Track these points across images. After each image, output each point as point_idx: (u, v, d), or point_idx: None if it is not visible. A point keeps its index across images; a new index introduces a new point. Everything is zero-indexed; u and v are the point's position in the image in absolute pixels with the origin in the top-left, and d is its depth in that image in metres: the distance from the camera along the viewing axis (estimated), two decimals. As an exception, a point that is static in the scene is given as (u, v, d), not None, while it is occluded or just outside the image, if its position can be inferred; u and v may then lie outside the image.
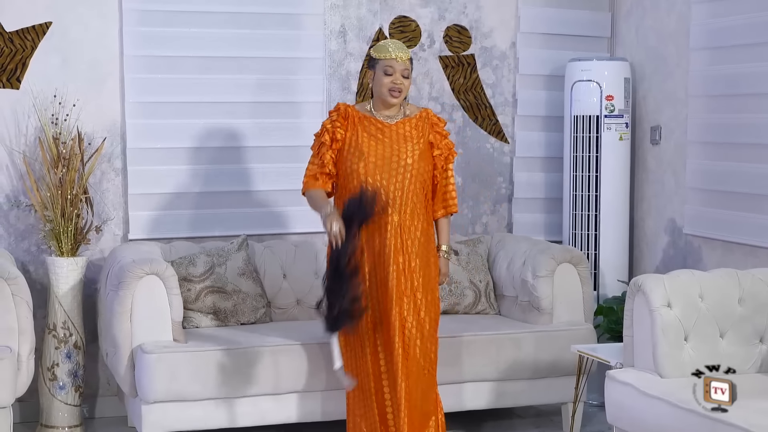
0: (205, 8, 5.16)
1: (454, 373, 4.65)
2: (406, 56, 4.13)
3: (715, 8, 5.00)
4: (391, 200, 4.08)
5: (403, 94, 4.16)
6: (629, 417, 3.88)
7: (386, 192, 4.08)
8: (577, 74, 5.42)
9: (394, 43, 4.16)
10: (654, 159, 5.51)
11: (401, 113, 4.21)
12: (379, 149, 4.13)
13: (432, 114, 4.27)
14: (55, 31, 4.96)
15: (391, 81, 4.12)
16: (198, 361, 4.36)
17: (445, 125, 4.27)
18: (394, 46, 4.14)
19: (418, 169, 4.12)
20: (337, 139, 4.16)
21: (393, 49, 4.12)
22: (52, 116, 4.86)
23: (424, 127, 4.20)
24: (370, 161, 4.10)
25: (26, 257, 4.98)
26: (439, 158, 4.21)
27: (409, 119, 4.20)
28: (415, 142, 4.15)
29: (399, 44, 4.16)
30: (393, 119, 4.19)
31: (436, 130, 4.22)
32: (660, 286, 3.93)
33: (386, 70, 4.12)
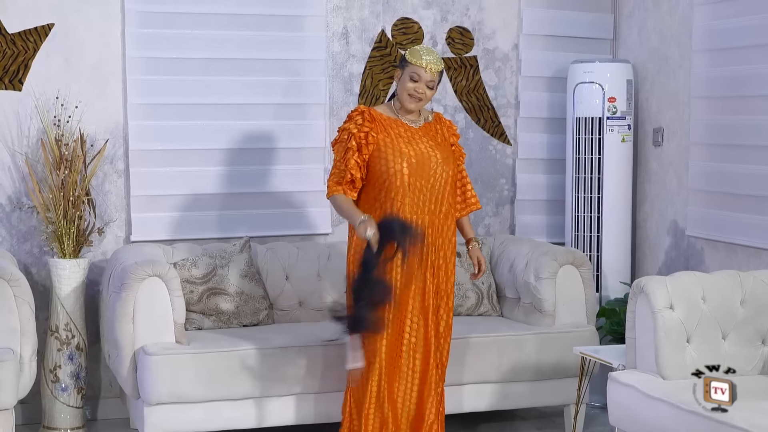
0: (208, 10, 5.16)
1: (457, 374, 4.65)
2: (437, 68, 4.13)
3: (717, 10, 5.00)
4: (427, 202, 4.12)
5: (422, 103, 4.17)
6: (631, 419, 3.88)
7: (423, 193, 4.11)
8: (580, 76, 5.42)
9: (430, 54, 4.14)
10: (656, 161, 5.50)
11: (422, 118, 4.25)
12: (414, 151, 4.13)
13: (443, 117, 4.35)
14: (57, 32, 4.96)
15: (414, 88, 4.12)
16: (200, 363, 4.36)
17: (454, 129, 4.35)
18: (429, 57, 4.12)
19: (448, 172, 4.17)
20: (369, 143, 4.12)
21: (426, 59, 4.11)
22: (55, 118, 4.86)
23: (443, 130, 4.27)
24: (411, 162, 4.10)
25: (28, 259, 4.99)
26: (457, 160, 4.30)
27: (430, 123, 4.25)
28: (443, 145, 4.21)
29: (435, 56, 4.14)
30: (417, 123, 4.22)
31: (452, 132, 4.30)
32: (662, 287, 3.93)
33: (413, 75, 4.12)
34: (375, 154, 4.11)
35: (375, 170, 4.12)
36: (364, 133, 4.10)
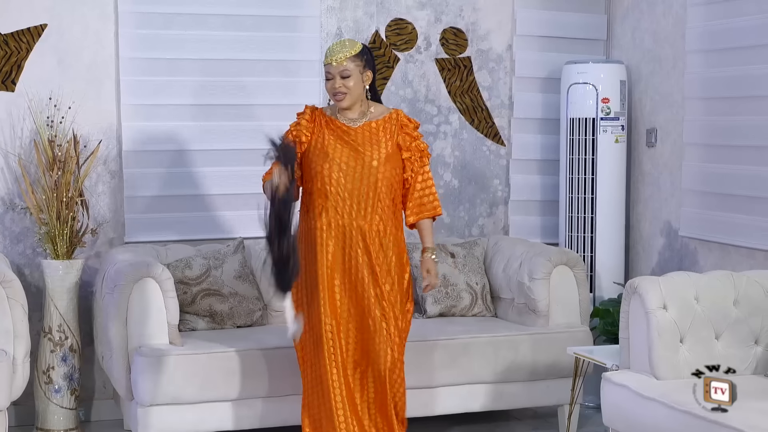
0: (202, 11, 5.16)
1: (451, 375, 4.65)
2: (343, 57, 3.98)
3: (711, 11, 5.01)
4: (356, 205, 4.01)
5: (350, 97, 4.02)
6: (625, 419, 3.88)
7: (352, 196, 4.01)
8: (573, 77, 5.42)
9: (335, 45, 4.04)
10: (650, 161, 5.51)
11: (365, 116, 4.09)
12: (344, 152, 4.04)
13: (402, 115, 4.13)
14: (50, 33, 4.95)
15: (331, 86, 4.01)
16: (194, 364, 4.35)
17: (417, 126, 4.15)
18: (332, 49, 4.02)
19: (384, 173, 4.02)
20: (301, 142, 4.09)
21: (329, 53, 4.01)
22: (48, 119, 4.85)
23: (392, 129, 4.08)
24: (334, 163, 4.02)
25: (21, 260, 4.98)
26: (408, 161, 4.09)
27: (375, 121, 4.08)
28: (381, 145, 4.04)
29: (340, 44, 4.03)
30: (357, 122, 4.08)
31: (405, 132, 4.10)
32: (656, 288, 3.94)
33: (326, 75, 4.03)
34: (306, 156, 4.09)
35: (305, 172, 4.10)
36: (295, 133, 4.10)
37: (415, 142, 4.11)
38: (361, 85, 4.05)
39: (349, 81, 4.01)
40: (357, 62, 4.02)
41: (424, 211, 4.12)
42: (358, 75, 4.03)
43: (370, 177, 4.01)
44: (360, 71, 4.04)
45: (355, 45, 4.05)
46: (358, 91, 4.05)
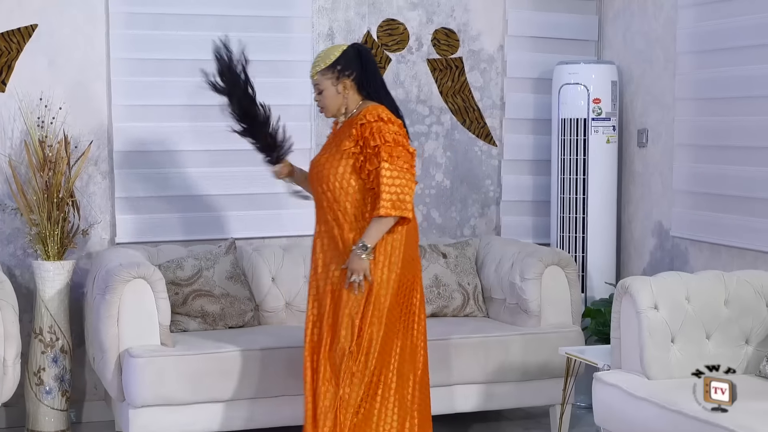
0: (193, 11, 5.15)
1: (443, 375, 4.65)
2: (314, 72, 4.00)
3: (702, 12, 5.02)
4: (318, 210, 4.03)
5: (328, 110, 4.02)
6: (617, 418, 3.89)
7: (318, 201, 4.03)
8: (565, 77, 5.43)
9: (317, 56, 4.04)
10: (641, 162, 5.52)
11: (345, 114, 4.05)
12: (315, 157, 4.12)
13: (367, 110, 3.92)
14: (41, 33, 4.94)
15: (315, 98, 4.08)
16: (186, 365, 4.35)
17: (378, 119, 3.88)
18: (312, 61, 4.04)
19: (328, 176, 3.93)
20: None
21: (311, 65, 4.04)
22: (38, 119, 4.84)
23: (349, 128, 3.96)
24: (312, 171, 4.08)
25: (12, 261, 4.96)
26: (357, 158, 3.90)
27: (346, 122, 4.03)
28: (335, 147, 3.98)
29: (318, 56, 4.03)
30: (339, 126, 4.10)
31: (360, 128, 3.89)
32: (647, 288, 3.94)
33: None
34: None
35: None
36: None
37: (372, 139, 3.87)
38: (337, 96, 3.98)
39: (322, 96, 4.00)
40: (328, 75, 3.97)
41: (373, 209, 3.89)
42: (331, 87, 3.98)
43: (324, 179, 3.97)
44: (333, 83, 3.97)
45: (329, 56, 3.98)
46: (336, 103, 4.00)
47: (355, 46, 4.08)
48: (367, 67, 4.04)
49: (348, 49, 4.03)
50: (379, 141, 3.86)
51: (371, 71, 4.04)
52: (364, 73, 4.03)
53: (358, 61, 4.02)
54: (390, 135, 3.88)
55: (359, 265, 3.86)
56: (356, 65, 4.01)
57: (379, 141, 3.86)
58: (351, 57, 4.00)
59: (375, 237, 3.87)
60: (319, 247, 4.03)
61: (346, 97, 4.01)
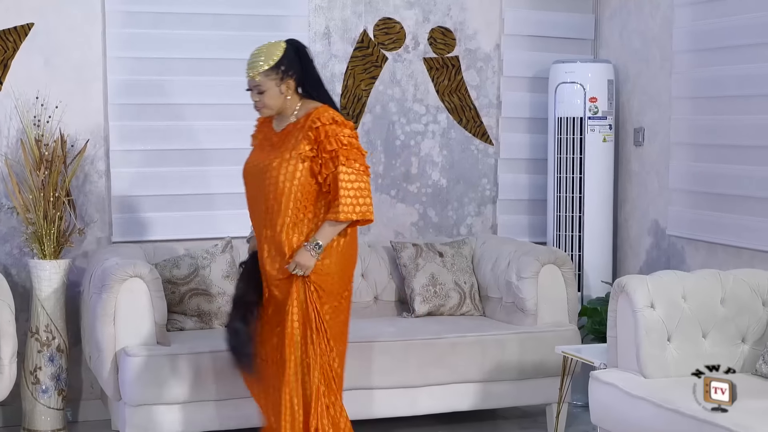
0: (189, 10, 5.15)
1: (439, 374, 4.66)
2: (255, 72, 3.83)
3: (698, 11, 5.02)
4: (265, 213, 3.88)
5: (267, 110, 3.89)
6: (613, 417, 3.89)
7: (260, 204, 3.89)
8: (561, 76, 5.43)
9: (251, 55, 3.87)
10: (637, 161, 5.52)
11: (289, 120, 3.92)
12: (256, 159, 3.95)
13: (319, 113, 3.84)
14: (37, 32, 4.94)
15: (251, 97, 3.90)
16: (182, 364, 4.35)
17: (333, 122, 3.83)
18: (249, 60, 3.86)
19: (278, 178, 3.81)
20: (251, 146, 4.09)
21: (247, 64, 3.86)
22: (35, 118, 4.84)
23: (304, 130, 3.85)
24: (249, 172, 3.95)
25: (8, 260, 4.96)
26: (315, 161, 3.82)
27: (294, 124, 3.90)
28: (287, 149, 3.84)
29: (255, 55, 3.86)
30: (279, 127, 3.95)
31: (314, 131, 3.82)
32: (643, 287, 3.95)
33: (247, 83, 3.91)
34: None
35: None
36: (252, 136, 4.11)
37: (328, 140, 3.81)
38: (279, 96, 3.87)
39: (264, 96, 3.87)
40: (272, 76, 3.84)
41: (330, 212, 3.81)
42: (274, 88, 3.85)
43: (271, 184, 3.84)
44: (277, 84, 3.86)
45: (271, 56, 3.84)
46: (278, 103, 3.88)
47: (293, 43, 3.93)
48: (307, 66, 3.94)
49: (288, 47, 3.89)
50: (336, 145, 3.81)
51: (310, 69, 3.95)
52: (304, 72, 3.93)
53: (298, 60, 3.91)
54: (345, 138, 3.83)
55: (307, 262, 3.81)
56: (297, 64, 3.90)
57: (336, 145, 3.81)
58: (292, 56, 3.88)
59: (329, 237, 3.82)
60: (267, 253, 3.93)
61: (288, 97, 3.91)
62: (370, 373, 4.57)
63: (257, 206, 3.94)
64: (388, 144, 5.52)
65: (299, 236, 3.85)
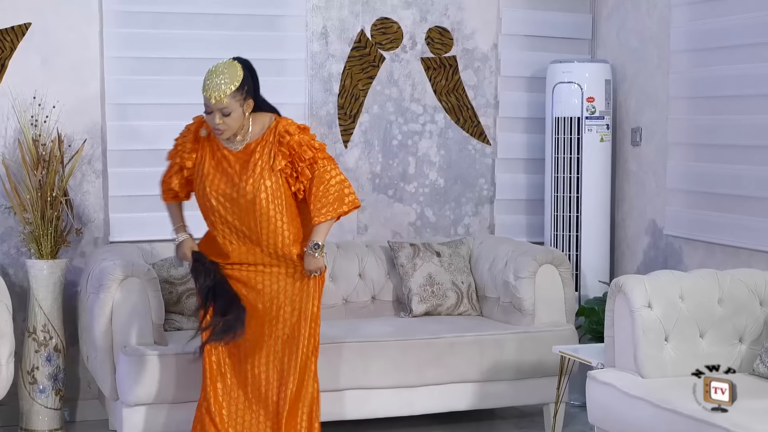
0: (187, 10, 5.15)
1: (437, 374, 4.66)
2: (223, 94, 3.78)
3: (695, 11, 5.02)
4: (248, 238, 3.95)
5: (229, 133, 3.86)
6: (610, 417, 3.89)
7: (241, 231, 3.94)
8: (559, 76, 5.43)
9: (215, 78, 3.80)
10: (635, 160, 5.52)
11: (246, 138, 3.93)
12: (222, 184, 3.93)
13: (284, 126, 3.92)
14: (34, 32, 4.93)
15: (210, 120, 3.84)
16: (179, 364, 4.34)
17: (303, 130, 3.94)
18: (212, 83, 3.80)
19: (271, 200, 3.89)
20: (186, 167, 4.03)
21: (208, 85, 3.80)
22: (32, 118, 4.83)
23: (270, 146, 3.91)
24: (212, 197, 3.94)
25: (5, 260, 4.95)
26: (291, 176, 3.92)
27: (255, 141, 3.92)
28: (259, 171, 3.88)
29: (217, 75, 3.80)
30: (238, 145, 3.93)
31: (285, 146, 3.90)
32: (640, 286, 3.95)
33: (205, 109, 3.85)
34: (194, 179, 4.03)
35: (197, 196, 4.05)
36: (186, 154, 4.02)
37: (298, 152, 3.91)
38: (242, 117, 3.87)
39: (229, 118, 3.83)
40: (237, 97, 3.83)
41: (323, 213, 3.91)
42: (239, 109, 3.85)
43: (253, 208, 3.89)
44: (241, 104, 3.85)
45: (235, 76, 3.82)
46: (240, 123, 3.88)
47: (244, 62, 3.93)
48: (257, 82, 3.97)
49: (243, 67, 3.90)
50: (311, 152, 3.92)
51: (258, 85, 3.98)
52: (257, 88, 3.97)
53: (251, 78, 3.93)
54: (315, 143, 3.96)
55: (315, 265, 3.96)
56: (251, 83, 3.92)
57: (311, 152, 3.92)
58: (248, 75, 3.90)
59: (325, 235, 3.96)
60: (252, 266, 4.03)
61: (246, 115, 3.91)
62: (367, 373, 4.57)
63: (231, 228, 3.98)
64: (385, 144, 5.52)
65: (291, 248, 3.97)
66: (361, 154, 5.48)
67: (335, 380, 4.52)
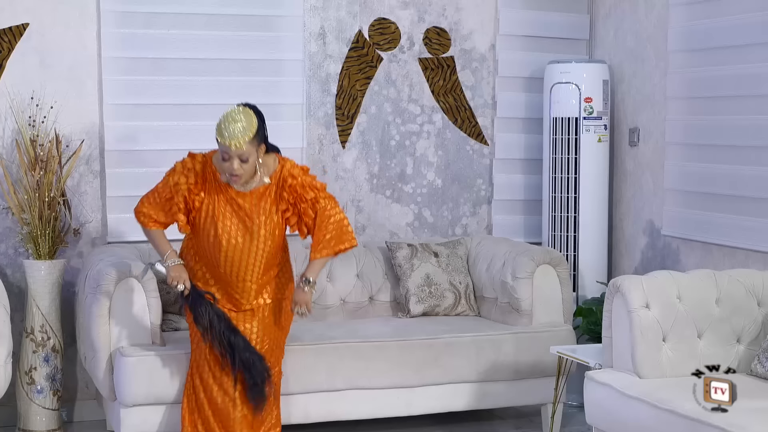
0: (184, 10, 5.15)
1: (435, 374, 4.66)
2: (242, 141, 3.87)
3: (693, 11, 5.03)
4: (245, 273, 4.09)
5: (245, 179, 3.99)
6: (608, 417, 3.89)
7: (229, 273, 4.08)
8: (556, 76, 5.44)
9: (233, 126, 3.89)
10: (632, 161, 5.53)
11: (256, 180, 4.05)
12: (233, 224, 4.05)
13: (287, 169, 4.07)
14: (32, 32, 4.93)
15: (228, 167, 3.94)
16: (177, 364, 4.34)
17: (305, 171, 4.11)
18: (231, 131, 3.88)
19: (273, 240, 4.09)
20: (195, 208, 4.08)
21: (228, 135, 3.87)
22: (30, 118, 4.83)
23: (277, 188, 4.08)
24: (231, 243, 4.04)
25: (3, 260, 4.95)
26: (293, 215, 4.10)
27: (265, 186, 4.06)
28: (267, 212, 4.06)
29: (237, 127, 3.88)
30: (248, 186, 4.05)
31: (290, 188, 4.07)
32: (638, 287, 3.95)
33: (223, 155, 3.94)
34: (199, 216, 4.09)
35: (198, 231, 4.10)
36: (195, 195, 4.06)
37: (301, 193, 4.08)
38: (256, 162, 3.99)
39: (247, 164, 3.95)
40: (254, 142, 3.94)
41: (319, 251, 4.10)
42: (255, 154, 3.97)
43: (260, 250, 4.08)
44: (257, 149, 3.97)
45: (251, 123, 3.92)
46: (254, 168, 4.01)
47: (254, 108, 4.02)
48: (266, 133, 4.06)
49: (255, 114, 3.99)
50: (312, 192, 4.09)
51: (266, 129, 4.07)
52: (267, 133, 4.05)
53: (263, 123, 4.02)
54: (317, 183, 4.13)
55: (303, 298, 4.13)
56: (263, 128, 4.02)
57: (312, 192, 4.09)
58: (260, 121, 4.00)
59: (318, 271, 4.16)
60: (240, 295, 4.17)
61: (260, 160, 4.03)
62: (365, 374, 4.57)
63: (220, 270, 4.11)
64: (383, 144, 5.52)
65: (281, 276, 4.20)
66: (359, 154, 5.48)
67: (333, 381, 4.53)
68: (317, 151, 5.40)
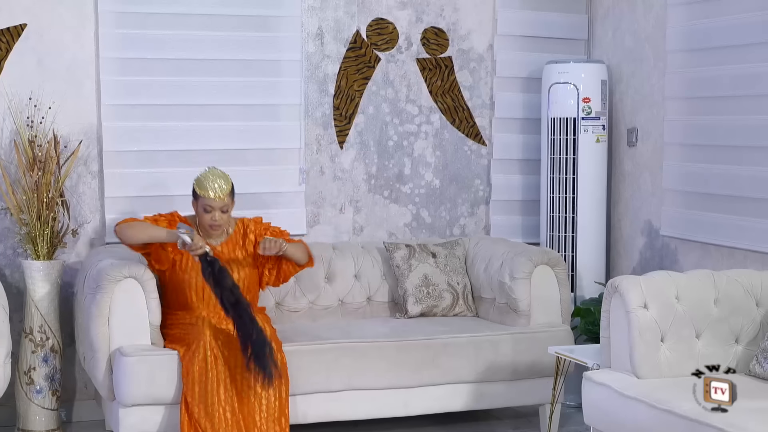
0: (182, 10, 5.14)
1: (432, 375, 4.66)
2: (225, 193, 4.43)
3: (691, 11, 5.03)
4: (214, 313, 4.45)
5: (223, 228, 4.50)
6: (606, 418, 3.90)
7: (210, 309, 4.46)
8: (554, 76, 5.44)
9: (214, 181, 4.43)
10: (631, 161, 5.53)
11: (224, 233, 4.55)
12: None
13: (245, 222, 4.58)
14: (30, 32, 4.93)
15: (210, 218, 4.45)
16: (176, 365, 4.34)
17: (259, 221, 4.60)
18: (214, 186, 4.42)
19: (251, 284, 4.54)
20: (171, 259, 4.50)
21: (211, 189, 4.41)
22: (28, 119, 4.83)
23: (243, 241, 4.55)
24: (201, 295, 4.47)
25: (2, 261, 4.95)
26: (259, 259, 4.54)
27: (231, 238, 4.55)
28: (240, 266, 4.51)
29: (219, 182, 4.42)
30: (217, 240, 4.52)
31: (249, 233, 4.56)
32: (636, 287, 3.95)
33: (205, 207, 4.44)
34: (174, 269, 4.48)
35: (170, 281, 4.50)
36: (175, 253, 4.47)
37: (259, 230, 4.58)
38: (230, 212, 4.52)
39: (226, 214, 4.48)
40: (231, 196, 4.50)
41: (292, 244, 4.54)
42: (232, 205, 4.51)
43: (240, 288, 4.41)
44: (233, 202, 4.52)
45: (227, 179, 4.48)
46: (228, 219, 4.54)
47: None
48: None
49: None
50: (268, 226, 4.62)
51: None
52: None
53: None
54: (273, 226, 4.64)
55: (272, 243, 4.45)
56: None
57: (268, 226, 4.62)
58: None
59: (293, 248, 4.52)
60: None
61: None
62: (363, 374, 4.57)
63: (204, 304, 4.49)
64: (381, 145, 5.52)
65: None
66: (357, 155, 5.49)
67: (331, 381, 4.53)
68: (315, 152, 5.41)
